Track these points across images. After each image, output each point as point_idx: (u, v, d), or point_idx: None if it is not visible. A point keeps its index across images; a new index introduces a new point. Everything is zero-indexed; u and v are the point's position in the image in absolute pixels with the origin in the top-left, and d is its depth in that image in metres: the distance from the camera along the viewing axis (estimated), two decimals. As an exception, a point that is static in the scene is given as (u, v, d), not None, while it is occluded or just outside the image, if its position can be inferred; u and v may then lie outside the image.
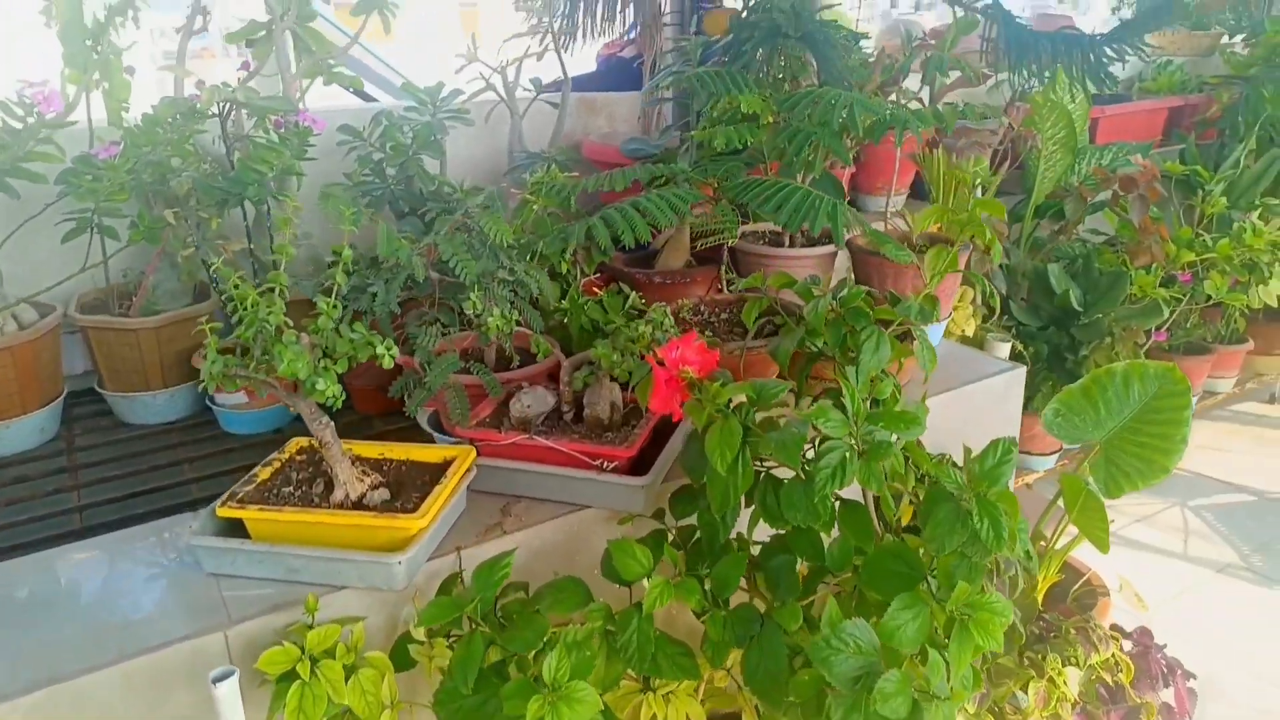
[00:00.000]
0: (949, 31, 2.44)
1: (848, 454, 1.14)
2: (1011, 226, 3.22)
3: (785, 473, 1.22)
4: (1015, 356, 3.00)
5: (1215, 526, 3.14)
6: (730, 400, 1.19)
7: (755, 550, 1.37)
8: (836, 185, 2.09)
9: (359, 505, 1.33)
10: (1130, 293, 2.93)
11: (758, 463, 1.23)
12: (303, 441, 1.47)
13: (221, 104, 1.71)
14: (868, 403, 1.24)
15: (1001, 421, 1.92)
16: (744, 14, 2.31)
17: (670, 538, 1.37)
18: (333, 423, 1.33)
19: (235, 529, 1.33)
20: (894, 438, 1.17)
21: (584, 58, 2.87)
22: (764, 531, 1.33)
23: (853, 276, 2.11)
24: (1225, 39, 4.13)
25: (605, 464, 1.43)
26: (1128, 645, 1.94)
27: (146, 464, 1.86)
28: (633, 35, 2.52)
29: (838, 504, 1.22)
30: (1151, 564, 2.95)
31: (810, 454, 1.19)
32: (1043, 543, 2.07)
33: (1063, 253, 3.18)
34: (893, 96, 2.70)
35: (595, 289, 1.96)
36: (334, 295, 1.36)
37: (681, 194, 1.85)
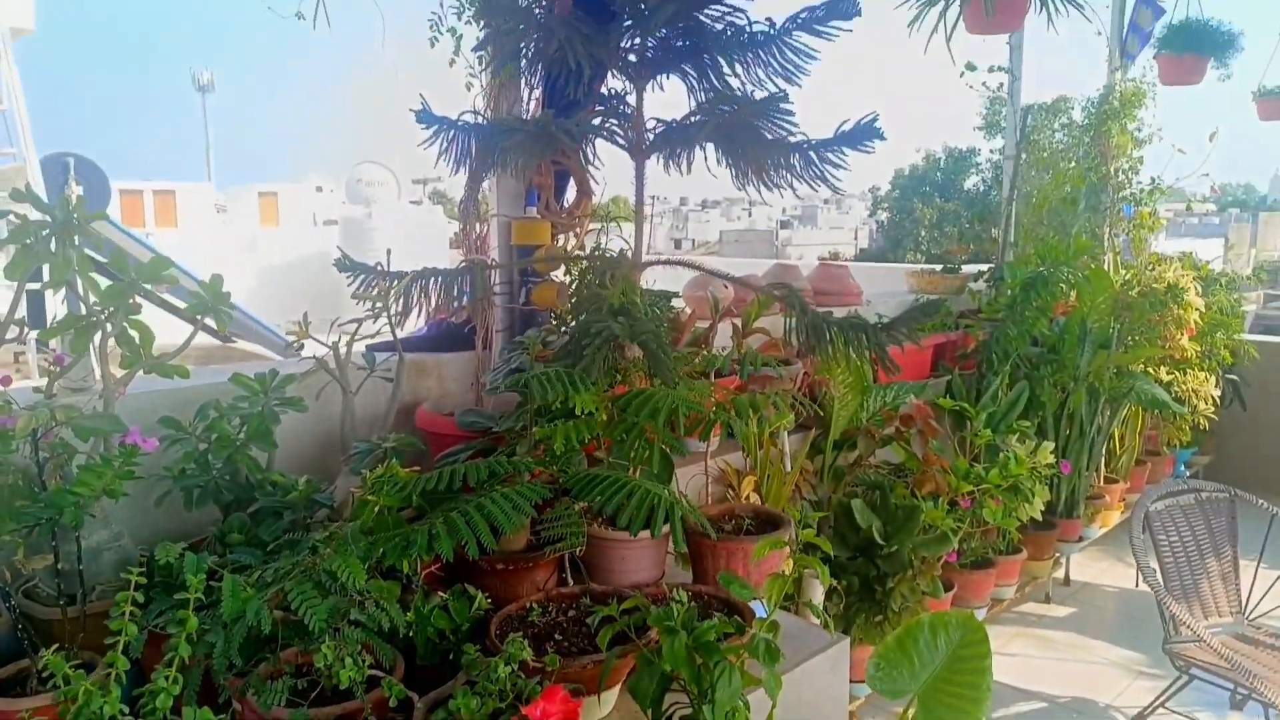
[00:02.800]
0: (750, 308, 2.72)
1: (716, 816, 1.18)
2: (814, 459, 3.52)
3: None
4: (830, 591, 3.20)
5: (1016, 736, 3.38)
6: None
7: None
8: (668, 464, 2.23)
9: None
10: (923, 523, 3.24)
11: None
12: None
13: (38, 426, 1.62)
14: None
15: (833, 698, 2.03)
16: (573, 298, 2.48)
17: None
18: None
19: None
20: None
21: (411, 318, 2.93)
22: None
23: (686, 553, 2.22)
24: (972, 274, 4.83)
25: (465, 815, 1.39)
26: None
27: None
28: (463, 301, 2.62)
29: None
30: (967, 784, 3.10)
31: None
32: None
33: (861, 481, 3.48)
34: (704, 355, 2.95)
35: (438, 587, 1.94)
36: (174, 666, 1.29)
37: (525, 491, 1.91)
